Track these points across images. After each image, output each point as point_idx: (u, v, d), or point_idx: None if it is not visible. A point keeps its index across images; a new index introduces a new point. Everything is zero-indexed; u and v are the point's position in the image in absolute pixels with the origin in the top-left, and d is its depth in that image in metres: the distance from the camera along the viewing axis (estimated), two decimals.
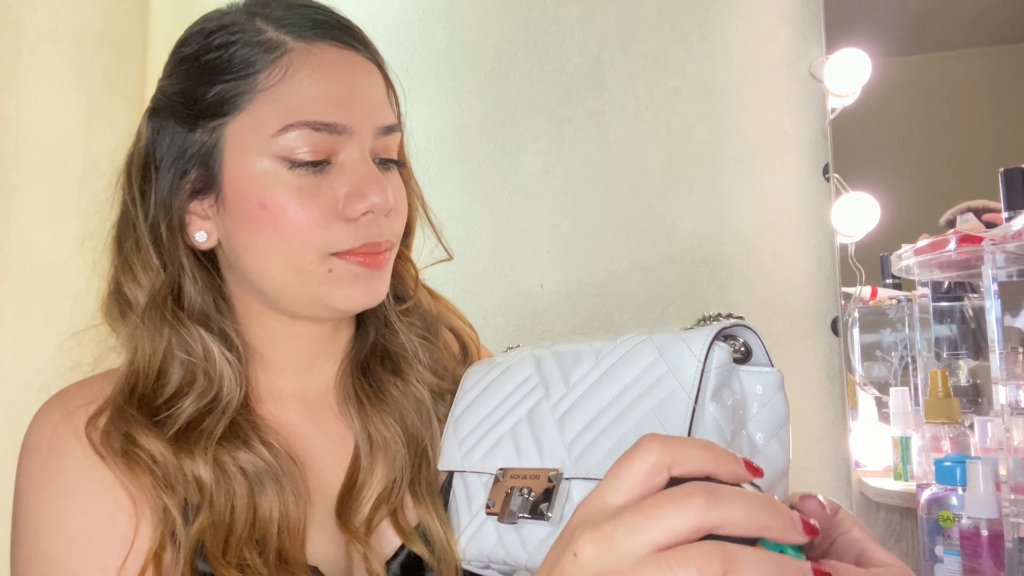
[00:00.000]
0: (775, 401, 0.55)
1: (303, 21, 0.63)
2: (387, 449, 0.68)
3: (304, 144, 0.60)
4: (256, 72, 0.61)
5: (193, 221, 0.65)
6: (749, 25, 1.55)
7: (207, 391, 0.63)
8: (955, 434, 1.22)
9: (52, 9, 1.36)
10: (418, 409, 0.70)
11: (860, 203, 1.50)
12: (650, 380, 0.54)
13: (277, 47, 0.61)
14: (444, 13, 1.69)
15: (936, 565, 1.04)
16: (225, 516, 0.59)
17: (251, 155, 0.61)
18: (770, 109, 1.53)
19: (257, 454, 0.62)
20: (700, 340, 0.54)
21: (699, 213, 1.54)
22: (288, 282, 0.63)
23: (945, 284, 1.52)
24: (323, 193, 0.60)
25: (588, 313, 1.57)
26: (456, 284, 1.62)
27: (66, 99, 1.38)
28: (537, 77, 1.64)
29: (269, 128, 0.60)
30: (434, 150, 1.66)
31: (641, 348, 0.57)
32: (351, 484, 0.66)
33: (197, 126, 0.63)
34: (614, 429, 0.54)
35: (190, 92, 0.63)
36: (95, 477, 0.60)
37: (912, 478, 1.38)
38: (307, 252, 0.61)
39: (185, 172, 0.63)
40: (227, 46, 0.62)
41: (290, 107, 0.60)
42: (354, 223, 0.61)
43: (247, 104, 0.61)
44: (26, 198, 1.28)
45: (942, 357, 1.53)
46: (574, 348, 0.62)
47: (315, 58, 0.62)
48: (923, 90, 1.78)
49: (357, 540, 0.63)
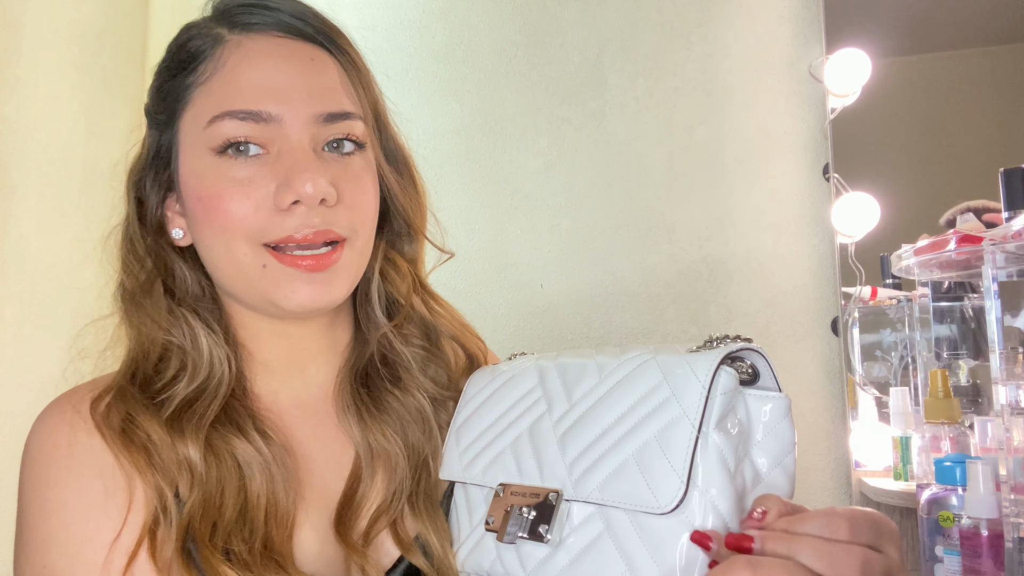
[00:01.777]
0: (781, 428, 0.54)
1: (244, 13, 0.63)
2: (387, 460, 0.67)
3: (231, 134, 0.60)
4: (193, 69, 0.62)
5: (172, 219, 0.68)
6: (749, 25, 1.55)
7: (196, 374, 0.64)
8: (955, 434, 1.22)
9: (52, 9, 1.36)
10: (419, 420, 0.70)
11: (860, 203, 1.49)
12: (653, 404, 0.53)
13: (217, 41, 0.62)
14: (444, 13, 1.69)
15: (936, 565, 1.04)
16: (215, 499, 0.60)
17: (192, 149, 0.62)
18: (770, 109, 1.53)
19: (251, 441, 0.62)
20: (706, 365, 0.52)
21: (699, 213, 1.54)
22: (233, 276, 0.63)
23: (945, 284, 1.52)
24: (255, 183, 0.60)
25: (588, 313, 1.57)
26: (456, 284, 1.61)
27: (66, 99, 1.38)
28: (537, 77, 1.64)
29: (202, 120, 0.61)
30: (434, 150, 1.66)
31: (645, 368, 0.55)
32: (351, 494, 0.66)
33: (166, 126, 0.66)
34: (615, 453, 0.53)
35: (157, 93, 0.67)
36: (97, 463, 0.61)
37: (912, 478, 1.37)
38: (238, 243, 0.61)
39: (158, 172, 0.67)
40: (183, 45, 0.65)
41: (220, 98, 0.60)
42: (287, 213, 0.60)
43: (191, 98, 0.62)
44: (26, 198, 1.28)
45: (942, 357, 1.53)
46: (578, 362, 0.61)
47: (246, 48, 0.62)
48: (923, 90, 1.78)
49: (355, 553, 0.63)
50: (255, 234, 0.60)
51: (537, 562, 0.55)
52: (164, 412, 0.62)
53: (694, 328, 1.52)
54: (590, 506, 0.54)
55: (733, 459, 0.51)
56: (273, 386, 0.69)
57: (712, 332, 0.57)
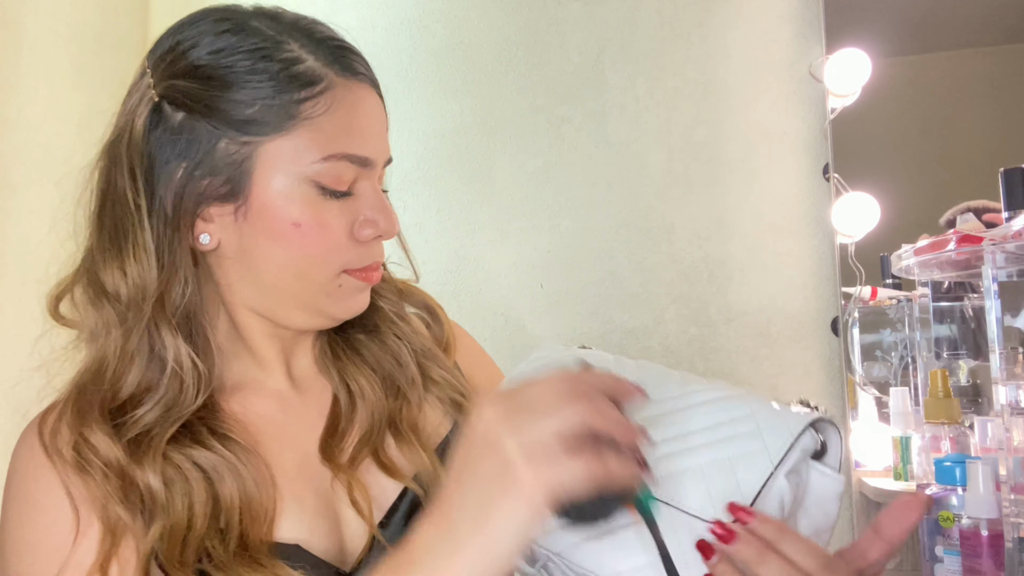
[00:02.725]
0: (829, 506, 0.59)
1: (350, 58, 0.67)
2: (364, 395, 0.72)
3: (340, 173, 0.64)
4: (301, 100, 0.63)
5: (199, 224, 0.65)
6: (749, 25, 1.55)
7: (169, 400, 0.64)
8: (955, 434, 1.22)
9: (52, 9, 1.36)
10: (395, 355, 0.75)
11: (860, 203, 1.50)
12: (736, 431, 0.58)
13: (321, 79, 0.64)
14: (444, 13, 1.69)
15: (936, 565, 1.04)
16: (183, 518, 0.61)
17: (285, 176, 0.64)
18: (770, 109, 1.53)
19: (211, 449, 0.64)
20: (798, 420, 0.58)
21: (699, 213, 1.54)
22: (298, 292, 0.66)
23: (945, 284, 1.52)
24: (344, 217, 0.65)
25: (588, 313, 1.57)
26: (456, 284, 1.62)
27: (66, 99, 1.38)
28: (537, 77, 1.64)
29: (309, 155, 0.63)
30: (434, 150, 1.66)
31: (736, 400, 0.61)
32: (333, 429, 0.70)
33: (226, 135, 0.63)
34: (685, 458, 0.57)
35: (220, 99, 0.63)
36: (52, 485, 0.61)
37: (912, 478, 1.37)
38: (327, 268, 0.66)
39: (207, 176, 0.64)
40: (265, 66, 0.63)
41: (330, 137, 0.64)
42: (365, 245, 0.67)
43: (289, 129, 0.63)
44: (26, 198, 1.28)
45: (942, 357, 1.53)
46: (661, 369, 0.66)
47: (353, 95, 0.66)
48: (923, 90, 1.78)
49: (342, 472, 0.67)
50: (343, 263, 0.66)
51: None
52: (125, 435, 0.62)
53: (694, 328, 1.52)
54: None
55: (788, 508, 0.56)
56: (259, 375, 0.71)
57: (804, 398, 0.63)
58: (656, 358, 1.52)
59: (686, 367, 1.51)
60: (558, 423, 0.44)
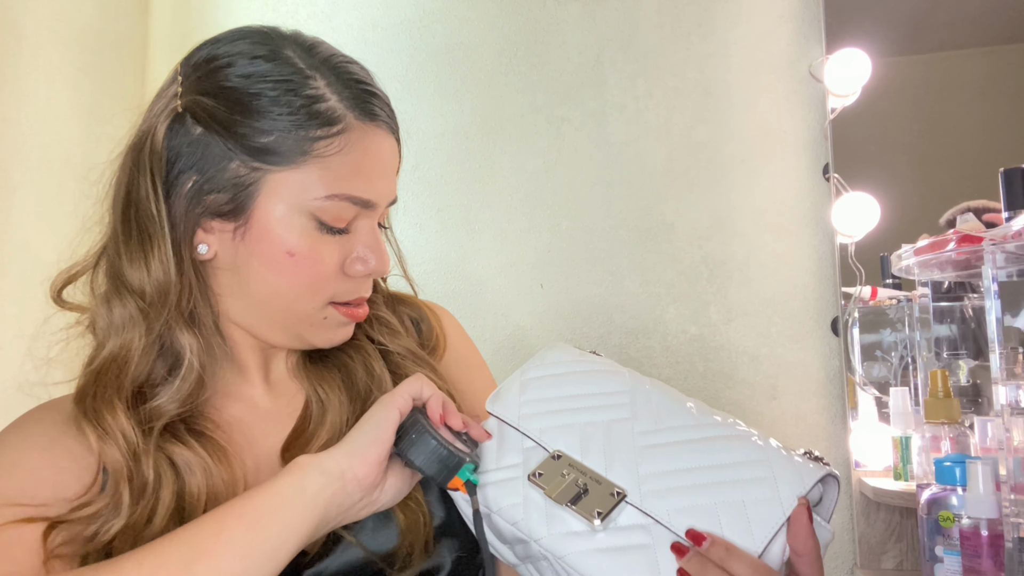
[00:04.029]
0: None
1: (371, 103, 0.68)
2: (331, 402, 0.74)
3: (341, 212, 0.66)
4: (317, 139, 0.65)
5: (199, 234, 0.68)
6: (749, 25, 1.55)
7: (183, 393, 0.67)
8: (955, 434, 1.22)
9: (52, 9, 1.36)
10: (365, 364, 0.76)
11: (860, 203, 1.49)
12: (750, 475, 0.60)
13: (340, 120, 0.66)
14: (444, 13, 1.69)
15: (936, 565, 1.04)
16: (142, 521, 0.63)
17: (287, 205, 0.65)
18: (770, 109, 1.53)
19: (188, 446, 0.66)
20: (811, 474, 0.60)
21: (699, 213, 1.54)
22: (283, 317, 0.69)
23: (945, 284, 1.52)
24: (338, 253, 0.68)
25: (588, 313, 1.57)
26: (456, 284, 1.62)
27: (66, 99, 1.38)
28: (537, 77, 1.64)
29: (315, 191, 0.65)
30: (434, 150, 1.66)
31: (748, 441, 0.63)
32: (300, 431, 0.72)
33: (239, 158, 0.65)
34: (698, 494, 0.60)
35: (240, 124, 0.65)
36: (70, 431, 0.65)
37: (912, 478, 1.37)
38: (314, 298, 0.68)
39: (212, 191, 0.66)
40: (289, 100, 0.65)
41: (338, 177, 0.66)
42: (353, 280, 0.70)
43: (300, 163, 0.65)
44: (26, 198, 1.28)
45: (942, 357, 1.53)
46: (673, 395, 0.69)
47: (368, 139, 0.67)
48: (923, 90, 1.77)
49: None
50: (330, 295, 0.69)
51: (566, 532, 0.61)
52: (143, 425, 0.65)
53: (694, 328, 1.52)
54: (644, 517, 0.60)
55: (786, 554, 0.59)
56: (240, 388, 0.73)
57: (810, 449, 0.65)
58: (656, 358, 1.52)
59: (686, 367, 1.51)
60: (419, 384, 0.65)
